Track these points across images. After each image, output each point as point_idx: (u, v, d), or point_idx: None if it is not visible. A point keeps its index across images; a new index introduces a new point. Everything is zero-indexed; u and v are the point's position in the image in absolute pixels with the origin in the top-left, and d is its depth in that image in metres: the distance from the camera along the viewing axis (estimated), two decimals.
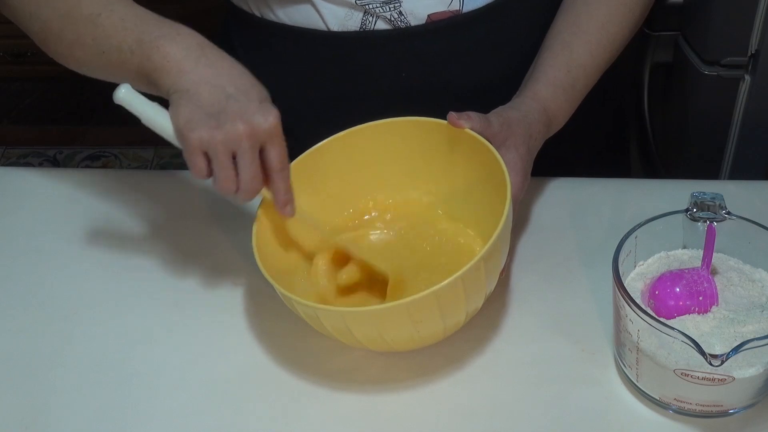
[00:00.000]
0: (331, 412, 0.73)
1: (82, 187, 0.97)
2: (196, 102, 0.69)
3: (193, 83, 0.70)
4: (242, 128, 0.68)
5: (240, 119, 0.68)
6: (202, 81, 0.70)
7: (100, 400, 0.75)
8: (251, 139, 0.69)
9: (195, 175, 0.70)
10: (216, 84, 0.70)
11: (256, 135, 0.69)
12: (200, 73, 0.70)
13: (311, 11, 0.87)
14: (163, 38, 0.72)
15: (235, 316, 0.81)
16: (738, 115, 1.26)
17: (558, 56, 0.85)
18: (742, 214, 0.72)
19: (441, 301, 0.66)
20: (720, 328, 0.66)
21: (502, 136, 0.77)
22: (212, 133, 0.68)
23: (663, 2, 1.32)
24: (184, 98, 0.69)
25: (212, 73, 0.70)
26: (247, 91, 0.71)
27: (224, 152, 0.69)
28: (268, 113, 0.69)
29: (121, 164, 2.39)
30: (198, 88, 0.69)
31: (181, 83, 0.70)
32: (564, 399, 0.72)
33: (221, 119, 0.68)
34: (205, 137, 0.68)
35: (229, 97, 0.69)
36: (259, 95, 0.71)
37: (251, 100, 0.70)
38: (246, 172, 0.70)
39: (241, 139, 0.68)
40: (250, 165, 0.70)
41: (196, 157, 0.69)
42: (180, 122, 0.69)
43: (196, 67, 0.70)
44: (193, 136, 0.68)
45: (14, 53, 2.40)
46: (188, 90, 0.70)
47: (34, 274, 0.88)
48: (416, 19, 0.87)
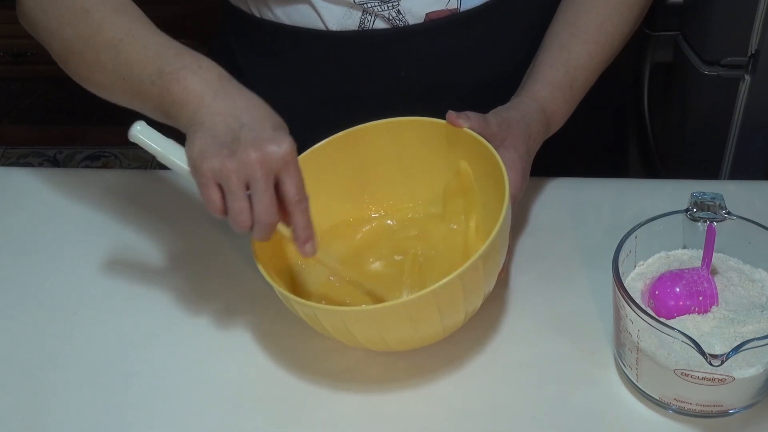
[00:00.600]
0: (331, 412, 0.73)
1: (82, 187, 0.97)
2: (211, 134, 0.68)
3: (209, 116, 0.69)
4: (254, 156, 0.66)
5: (252, 147, 0.66)
6: (218, 113, 0.69)
7: (100, 400, 0.75)
8: (264, 167, 0.67)
9: (210, 210, 0.68)
10: (232, 114, 0.69)
11: (270, 163, 0.67)
12: (218, 106, 0.69)
13: (310, 11, 0.87)
14: (185, 70, 0.71)
15: (234, 316, 0.81)
16: (738, 115, 1.26)
17: (556, 56, 0.85)
18: (742, 214, 0.72)
19: (439, 301, 0.66)
20: (720, 328, 0.66)
21: (501, 135, 0.77)
22: (224, 161, 0.66)
23: (663, 2, 1.32)
24: (199, 130, 0.69)
25: (229, 105, 0.70)
26: (261, 120, 0.69)
27: (237, 181, 0.67)
28: (282, 141, 0.67)
29: (121, 164, 2.39)
30: (214, 119, 0.69)
31: (198, 117, 0.69)
32: (564, 399, 0.72)
33: (234, 148, 0.67)
34: (217, 166, 0.67)
35: (243, 126, 0.68)
36: (273, 124, 0.70)
37: (265, 129, 0.68)
38: (260, 202, 0.67)
39: (254, 166, 0.66)
40: (264, 194, 0.67)
41: (209, 189, 0.68)
42: (194, 154, 0.68)
43: (215, 100, 0.70)
44: (206, 166, 0.67)
45: (14, 53, 2.40)
46: (203, 122, 0.69)
47: (34, 274, 0.88)
48: (414, 17, 0.87)
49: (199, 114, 0.69)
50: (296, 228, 0.70)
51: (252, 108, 0.70)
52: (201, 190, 0.68)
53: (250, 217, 0.68)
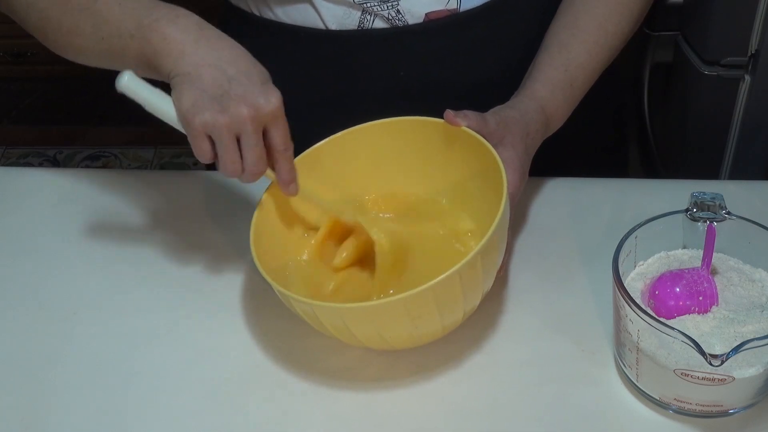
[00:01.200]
0: (330, 411, 0.73)
1: (82, 187, 0.97)
2: (199, 85, 0.69)
3: (194, 66, 0.70)
4: (246, 111, 0.68)
5: (243, 102, 0.68)
6: (203, 63, 0.70)
7: (100, 400, 0.75)
8: (255, 122, 0.69)
9: (199, 158, 0.71)
10: (217, 66, 0.70)
11: (260, 117, 0.69)
12: (201, 55, 0.70)
13: (309, 10, 0.87)
14: (162, 20, 0.71)
15: (234, 316, 0.81)
16: (738, 115, 1.26)
17: (556, 56, 0.85)
18: (742, 214, 0.72)
19: (438, 296, 0.66)
20: (720, 328, 0.66)
21: (500, 134, 0.77)
22: (216, 117, 0.68)
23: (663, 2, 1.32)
24: (186, 82, 0.69)
25: (213, 54, 0.70)
26: (248, 72, 0.71)
27: (229, 136, 0.69)
28: (271, 95, 0.70)
29: (121, 164, 2.39)
30: (199, 70, 0.69)
31: (182, 66, 0.70)
32: (564, 399, 0.72)
33: (224, 103, 0.68)
34: (210, 121, 0.68)
35: (232, 79, 0.69)
36: (260, 76, 0.71)
37: (253, 83, 0.70)
38: (251, 154, 0.70)
39: (246, 122, 0.69)
40: (254, 147, 0.70)
41: (200, 140, 0.69)
42: (183, 107, 0.69)
43: (197, 49, 0.70)
44: (197, 121, 0.68)
45: (14, 53, 2.40)
46: (189, 73, 0.69)
47: (34, 274, 0.88)
48: (414, 17, 0.87)
49: (182, 63, 0.70)
50: (281, 172, 0.74)
51: (236, 58, 0.71)
52: (191, 140, 0.70)
53: (240, 166, 0.71)
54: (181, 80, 0.69)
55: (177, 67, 0.70)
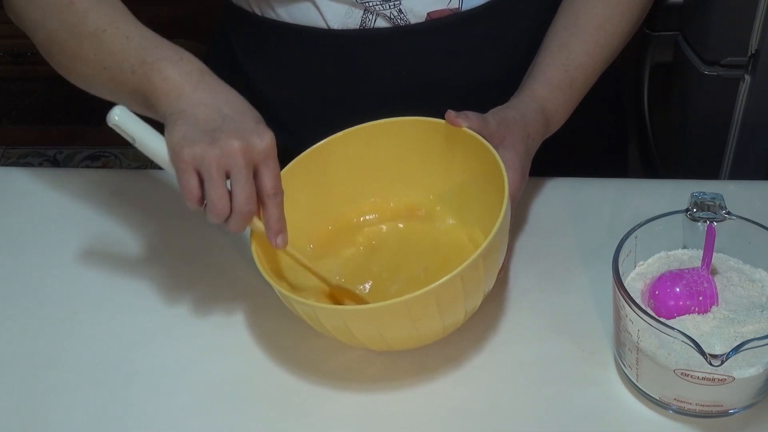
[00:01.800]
0: (331, 412, 0.73)
1: (82, 187, 0.97)
2: (192, 121, 0.69)
3: (189, 105, 0.70)
4: (238, 145, 0.67)
5: (236, 137, 0.68)
6: (199, 103, 0.70)
7: (100, 400, 0.75)
8: (246, 157, 0.68)
9: (186, 197, 0.69)
10: (213, 105, 0.70)
11: (252, 153, 0.68)
12: (198, 96, 0.70)
13: (311, 9, 0.87)
14: (165, 61, 0.72)
15: (234, 316, 0.81)
16: (738, 115, 1.26)
17: (556, 56, 0.85)
18: (742, 214, 0.72)
19: (440, 299, 0.66)
20: (720, 328, 0.66)
21: (500, 135, 0.77)
22: (206, 148, 0.67)
23: (663, 2, 1.32)
24: (180, 119, 0.69)
25: (210, 96, 0.70)
26: (243, 112, 0.71)
27: (218, 169, 0.68)
28: (264, 133, 0.69)
29: (121, 164, 2.39)
30: (195, 109, 0.69)
31: (178, 105, 0.70)
32: (564, 399, 0.72)
33: (216, 137, 0.68)
34: (199, 153, 0.67)
35: (225, 117, 0.69)
36: (254, 117, 0.71)
37: (247, 121, 0.70)
38: (240, 191, 0.68)
39: (237, 155, 0.67)
40: (245, 184, 0.68)
41: (188, 175, 0.68)
42: (174, 140, 0.68)
43: (195, 92, 0.70)
44: (186, 152, 0.67)
45: (14, 53, 2.40)
46: (184, 111, 0.69)
47: (34, 274, 0.88)
48: (416, 17, 0.87)
49: (179, 103, 0.70)
50: (270, 220, 0.71)
51: (233, 101, 0.71)
52: (179, 177, 0.69)
53: (228, 206, 0.69)
54: (176, 118, 0.69)
55: (173, 107, 0.70)
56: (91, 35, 0.75)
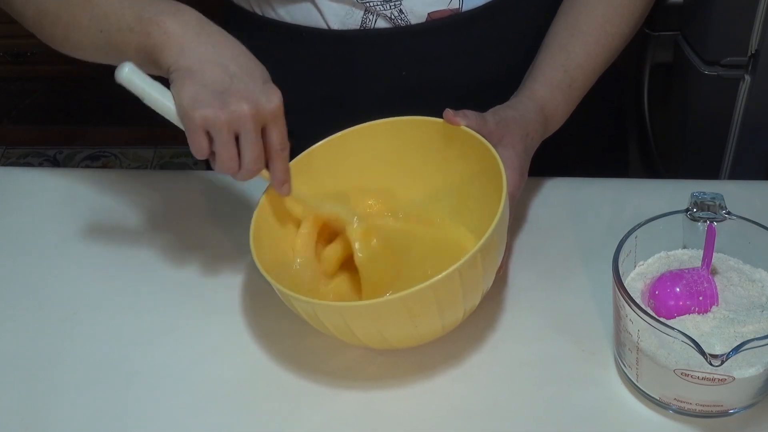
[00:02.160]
0: (331, 411, 0.73)
1: (82, 187, 0.97)
2: (200, 80, 0.69)
3: (195, 61, 0.69)
4: (247, 108, 0.68)
5: (245, 100, 0.68)
6: (204, 59, 0.69)
7: (100, 400, 0.75)
8: (255, 120, 0.69)
9: (195, 153, 0.70)
10: (219, 63, 0.70)
11: (261, 116, 0.69)
12: (202, 51, 0.70)
13: (312, 9, 0.87)
14: (163, 14, 0.71)
15: (234, 316, 0.81)
16: (738, 115, 1.26)
17: (556, 56, 0.85)
18: (742, 214, 0.72)
19: (438, 295, 0.67)
20: (720, 328, 0.66)
21: (499, 134, 0.77)
22: (217, 112, 0.68)
23: (663, 2, 1.32)
24: (187, 77, 0.69)
25: (214, 51, 0.70)
26: (250, 70, 0.71)
27: (228, 132, 0.69)
28: (272, 94, 0.70)
29: (121, 164, 2.39)
30: (201, 66, 0.69)
31: (182, 61, 0.69)
32: (563, 398, 0.72)
33: (226, 99, 0.68)
34: (210, 116, 0.68)
35: (233, 76, 0.69)
36: (261, 75, 0.71)
37: (255, 81, 0.70)
38: (249, 152, 0.70)
39: (246, 119, 0.68)
40: (254, 145, 0.70)
41: (198, 135, 0.69)
42: (184, 101, 0.68)
43: (198, 44, 0.70)
44: (197, 115, 0.68)
45: (14, 53, 2.40)
46: (191, 68, 0.69)
47: (34, 274, 0.88)
48: (416, 17, 0.87)
49: (184, 58, 0.70)
50: (276, 171, 0.73)
51: (238, 56, 0.71)
52: (189, 135, 0.70)
53: (237, 164, 0.71)
54: (182, 74, 0.69)
55: (177, 62, 0.70)
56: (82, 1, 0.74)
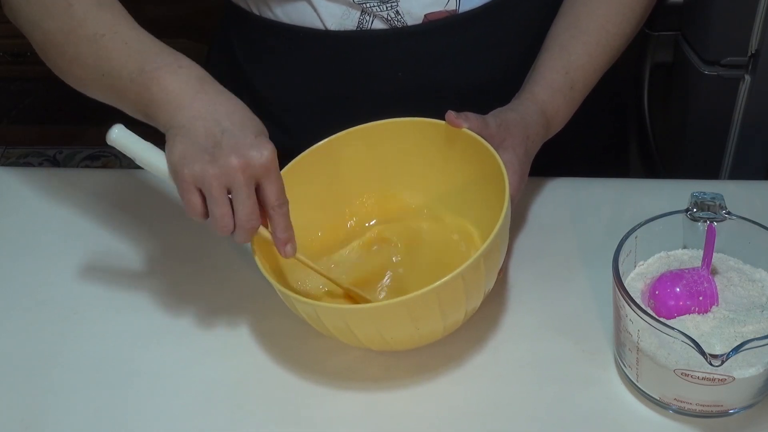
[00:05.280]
0: (331, 412, 0.73)
1: (82, 187, 0.97)
2: (192, 138, 0.68)
3: (189, 119, 0.69)
4: (236, 162, 0.67)
5: (234, 153, 0.67)
6: (198, 116, 0.69)
7: (100, 400, 0.75)
8: (246, 174, 0.67)
9: (190, 213, 0.69)
10: (212, 119, 0.69)
11: (251, 169, 0.67)
12: (197, 109, 0.69)
13: (308, 9, 0.87)
14: (164, 69, 0.71)
15: (234, 316, 0.81)
16: (738, 115, 1.26)
17: (556, 58, 0.85)
18: (742, 214, 0.72)
19: (441, 299, 0.67)
20: (720, 328, 0.66)
21: (500, 137, 0.77)
22: (205, 167, 0.67)
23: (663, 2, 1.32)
24: (180, 134, 0.68)
25: (209, 108, 0.69)
26: (243, 125, 0.69)
27: (218, 187, 0.67)
28: (263, 147, 0.68)
29: (121, 164, 2.39)
30: (194, 123, 0.68)
31: (177, 119, 0.69)
32: (564, 399, 0.72)
33: (215, 154, 0.67)
34: (198, 172, 0.67)
35: (224, 131, 0.68)
36: (254, 129, 0.70)
37: (246, 135, 0.68)
38: (242, 207, 0.68)
39: (236, 173, 0.67)
40: (246, 200, 0.68)
41: (190, 194, 0.68)
42: (173, 158, 0.68)
43: (193, 103, 0.69)
44: (186, 172, 0.67)
45: (14, 53, 2.40)
46: (184, 126, 0.69)
47: (35, 274, 0.88)
48: (413, 18, 0.87)
49: (179, 117, 0.69)
50: (276, 230, 0.71)
51: (232, 112, 0.70)
52: (181, 194, 0.69)
53: (232, 222, 0.69)
54: (175, 133, 0.69)
55: (172, 120, 0.69)
56: (89, 40, 0.74)
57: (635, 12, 0.87)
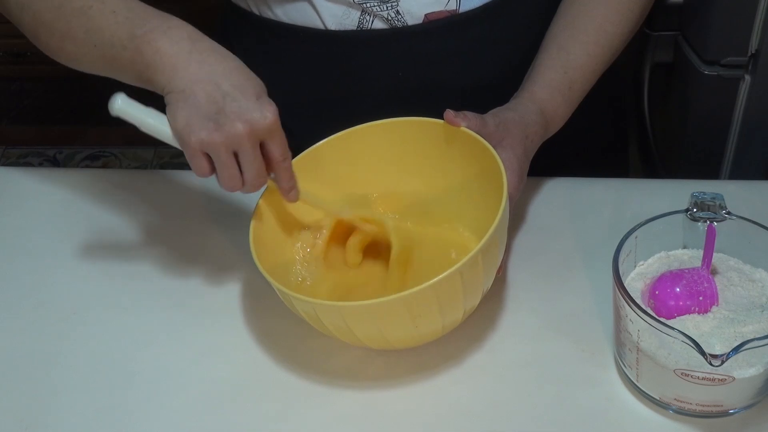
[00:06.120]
0: (331, 411, 0.73)
1: (82, 187, 0.97)
2: (193, 103, 0.68)
3: (187, 82, 0.69)
4: (242, 128, 0.68)
5: (239, 119, 0.68)
6: (196, 79, 0.69)
7: (100, 400, 0.75)
8: (251, 138, 0.69)
9: (198, 174, 0.71)
10: (211, 81, 0.69)
11: (256, 133, 0.69)
12: (194, 71, 0.69)
13: (309, 9, 0.87)
14: (155, 32, 0.70)
15: (234, 316, 0.81)
16: (738, 115, 1.26)
17: (555, 58, 0.85)
18: (742, 214, 0.72)
19: (439, 295, 0.67)
20: (720, 328, 0.66)
21: (499, 136, 0.77)
22: (212, 135, 0.68)
23: (663, 2, 1.32)
24: (180, 99, 0.69)
25: (206, 69, 0.70)
26: (243, 86, 0.70)
27: (226, 153, 0.69)
28: (266, 110, 0.69)
29: (121, 164, 2.39)
30: (193, 87, 0.69)
31: (175, 82, 0.69)
32: (563, 398, 0.72)
33: (220, 120, 0.68)
34: (206, 140, 0.68)
35: (226, 95, 0.69)
36: (255, 90, 0.70)
37: (248, 97, 0.69)
38: (250, 169, 0.70)
39: (242, 138, 0.68)
40: (253, 162, 0.70)
41: (198, 158, 0.69)
42: (179, 126, 0.69)
43: (189, 64, 0.70)
44: (193, 140, 0.68)
45: (14, 53, 2.40)
46: (183, 90, 0.69)
47: (34, 274, 0.88)
48: (413, 18, 0.87)
49: (176, 79, 0.69)
50: (281, 181, 0.74)
51: (230, 71, 0.71)
52: (189, 159, 0.70)
53: (240, 181, 0.71)
54: (176, 98, 0.69)
55: (170, 84, 0.69)
56: (77, 12, 0.73)
57: (633, 12, 0.87)
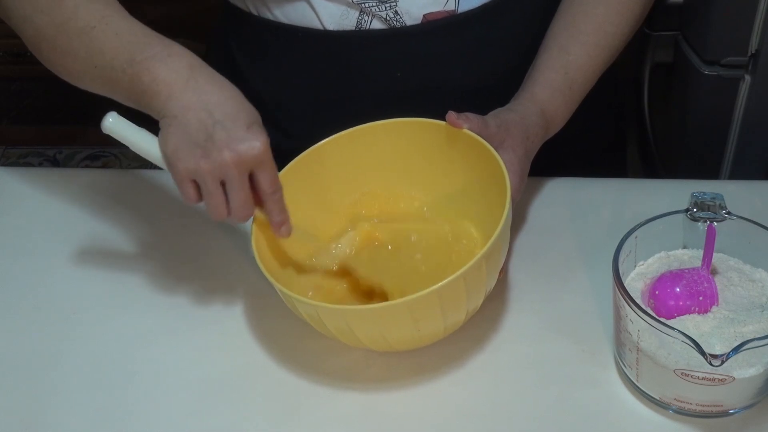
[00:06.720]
0: (331, 412, 0.73)
1: (82, 187, 0.97)
2: (184, 129, 0.69)
3: (181, 109, 0.69)
4: (229, 157, 0.68)
5: (226, 147, 0.68)
6: (190, 107, 0.69)
7: (100, 400, 0.75)
8: (239, 167, 0.68)
9: (185, 200, 0.71)
10: (204, 109, 0.69)
11: (244, 162, 0.68)
12: (188, 98, 0.69)
13: (307, 9, 0.87)
14: (155, 58, 0.71)
15: (234, 316, 0.81)
16: (738, 115, 1.26)
17: (555, 58, 0.85)
18: (742, 214, 0.72)
19: (443, 300, 0.67)
20: (720, 328, 0.66)
21: (500, 137, 0.77)
22: (199, 162, 0.68)
23: (663, 2, 1.32)
24: (173, 125, 0.69)
25: (201, 98, 0.70)
26: (235, 116, 0.70)
27: (212, 181, 0.69)
28: (255, 139, 0.69)
29: (121, 164, 2.39)
30: (186, 114, 0.69)
31: (169, 108, 0.69)
32: (564, 399, 0.72)
33: (208, 148, 0.68)
34: (192, 167, 0.68)
35: (216, 123, 0.69)
36: (246, 120, 0.70)
37: (238, 127, 0.69)
38: (236, 199, 0.70)
39: (229, 167, 0.68)
40: (239, 191, 0.70)
41: (185, 185, 0.70)
42: (168, 150, 0.69)
43: (185, 92, 0.70)
44: (181, 166, 0.68)
45: (14, 53, 2.40)
46: (176, 116, 0.69)
47: (34, 274, 0.88)
48: (412, 18, 0.87)
49: (170, 106, 0.70)
50: (271, 214, 0.73)
51: (224, 101, 0.70)
52: (177, 185, 0.70)
53: (226, 210, 0.71)
54: (168, 123, 0.69)
55: (165, 109, 0.70)
56: (80, 32, 0.74)
57: (633, 12, 0.87)
